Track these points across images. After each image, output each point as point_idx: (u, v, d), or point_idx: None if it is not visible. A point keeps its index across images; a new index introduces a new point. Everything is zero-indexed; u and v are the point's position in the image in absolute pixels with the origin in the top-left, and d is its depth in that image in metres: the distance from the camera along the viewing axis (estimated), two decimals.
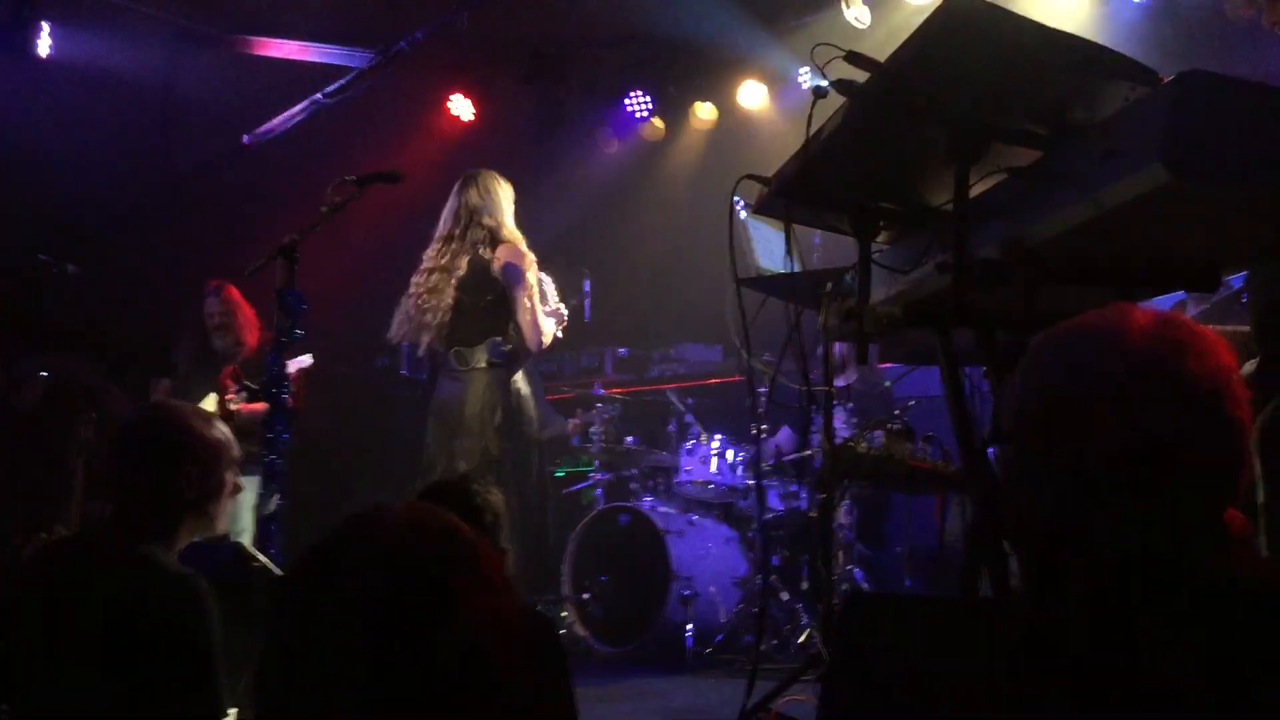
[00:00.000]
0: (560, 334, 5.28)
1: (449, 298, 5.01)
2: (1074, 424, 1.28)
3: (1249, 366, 2.61)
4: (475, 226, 5.10)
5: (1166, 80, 1.82)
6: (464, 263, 5.06)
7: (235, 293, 5.66)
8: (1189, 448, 1.23)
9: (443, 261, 5.09)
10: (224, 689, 2.17)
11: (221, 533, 2.57)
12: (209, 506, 2.36)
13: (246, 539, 5.20)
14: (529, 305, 5.00)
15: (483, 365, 5.05)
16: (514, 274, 5.00)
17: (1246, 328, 2.75)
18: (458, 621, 1.13)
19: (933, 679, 1.38)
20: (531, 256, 5.10)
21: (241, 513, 5.42)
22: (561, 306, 5.24)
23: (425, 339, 5.09)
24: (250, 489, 5.44)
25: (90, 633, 2.11)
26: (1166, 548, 1.23)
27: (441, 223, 5.23)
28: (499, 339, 5.06)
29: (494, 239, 5.08)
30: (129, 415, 2.47)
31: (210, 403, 5.45)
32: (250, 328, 5.67)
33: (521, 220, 5.29)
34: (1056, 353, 1.33)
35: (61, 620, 2.13)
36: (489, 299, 5.04)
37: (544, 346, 5.12)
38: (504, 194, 5.22)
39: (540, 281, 5.14)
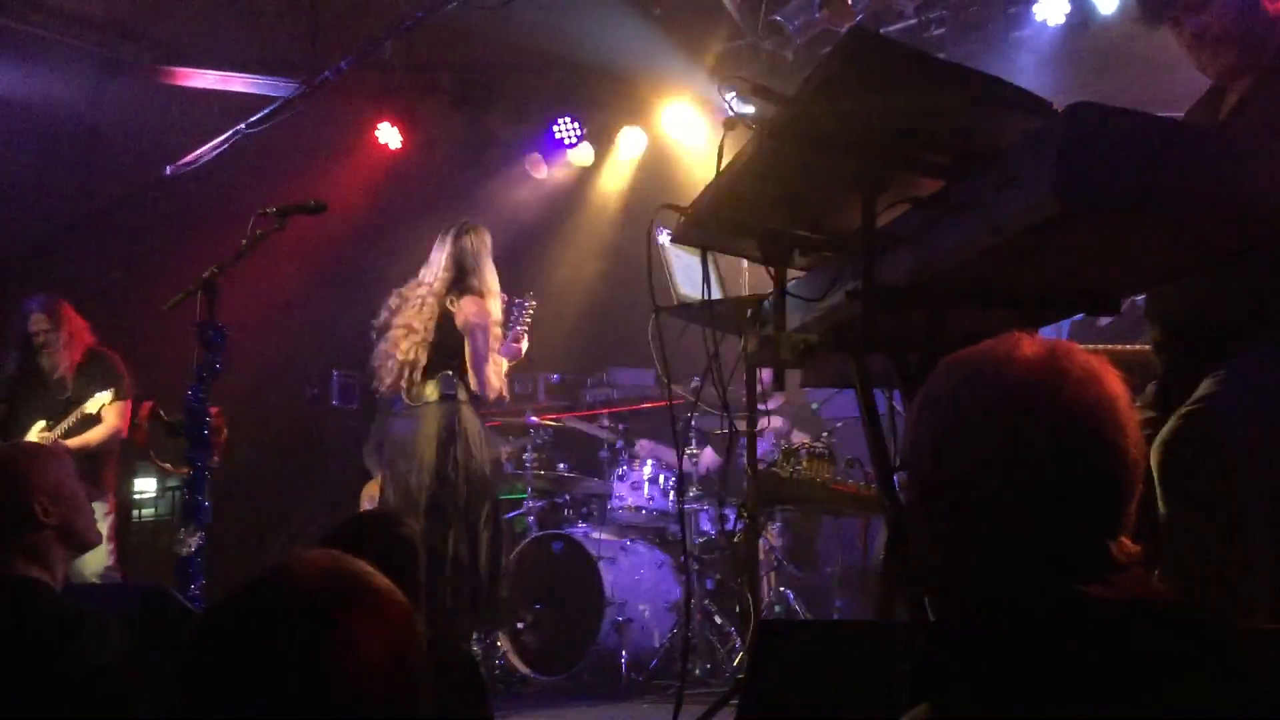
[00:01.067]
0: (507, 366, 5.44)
1: (415, 354, 5.22)
2: (955, 454, 1.31)
3: (1150, 389, 2.68)
4: (461, 276, 5.33)
5: (1059, 111, 1.87)
6: (436, 308, 5.28)
7: (63, 306, 5.55)
8: (1064, 476, 1.26)
9: (418, 305, 5.30)
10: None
11: (94, 544, 2.57)
12: (74, 525, 2.36)
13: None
14: (483, 357, 5.22)
15: (433, 399, 5.21)
16: (474, 328, 5.23)
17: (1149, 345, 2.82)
18: (353, 650, 1.16)
19: (835, 701, 1.40)
20: (494, 311, 5.32)
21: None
22: (523, 338, 5.36)
23: (391, 383, 5.26)
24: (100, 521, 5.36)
25: None
26: (1041, 576, 1.26)
27: (425, 268, 5.42)
28: (449, 373, 5.23)
29: (464, 291, 5.29)
30: None
31: (35, 433, 5.35)
32: (76, 343, 5.53)
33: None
34: (944, 384, 1.36)
35: None
36: (450, 345, 5.25)
37: (491, 399, 5.33)
38: (487, 248, 5.44)
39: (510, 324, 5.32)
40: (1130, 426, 1.31)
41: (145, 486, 7.68)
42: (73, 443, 5.26)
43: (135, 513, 7.67)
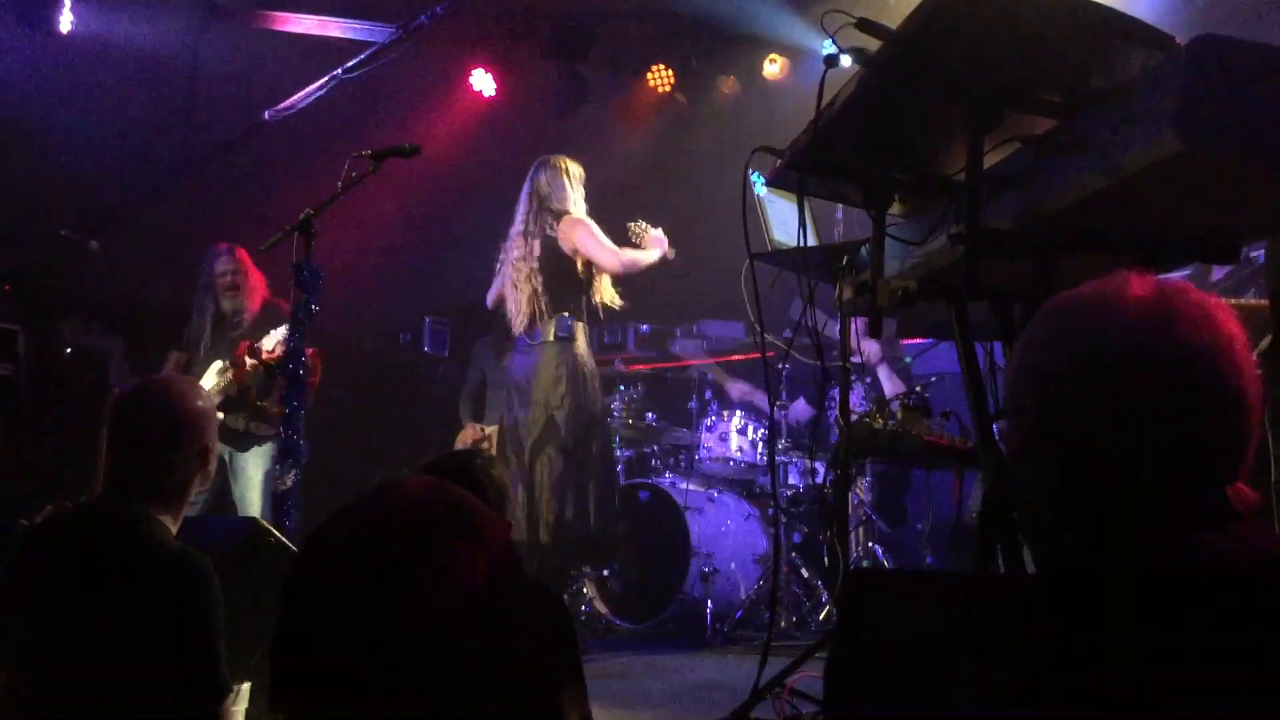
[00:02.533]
0: (671, 254, 5.57)
1: (534, 284, 5.32)
2: (1064, 397, 1.25)
3: (1265, 342, 2.57)
4: (544, 212, 5.38)
5: (1182, 45, 1.78)
6: (537, 246, 5.35)
7: (245, 255, 5.64)
8: (1180, 419, 1.20)
9: (523, 252, 5.39)
10: (227, 664, 2.17)
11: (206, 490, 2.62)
12: (201, 469, 2.38)
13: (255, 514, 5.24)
14: (605, 256, 5.30)
15: (551, 339, 5.28)
16: (579, 239, 5.29)
17: (1266, 302, 2.70)
18: (455, 577, 1.15)
19: (935, 652, 1.36)
20: (590, 220, 5.38)
21: (248, 491, 5.43)
22: (660, 235, 5.55)
23: (519, 325, 5.39)
24: (259, 462, 5.47)
25: (86, 604, 2.12)
26: (1156, 521, 1.20)
27: (518, 208, 5.50)
28: (566, 314, 5.30)
29: (559, 219, 5.34)
30: (122, 393, 2.49)
31: (214, 373, 5.43)
32: (256, 292, 5.63)
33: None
34: (1049, 325, 1.30)
35: (58, 591, 2.14)
36: (570, 273, 5.32)
37: (623, 269, 5.38)
38: (569, 179, 5.46)
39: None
40: (1247, 368, 1.24)
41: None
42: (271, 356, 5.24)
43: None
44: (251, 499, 5.39)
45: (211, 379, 5.39)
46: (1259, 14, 5.58)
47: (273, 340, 5.15)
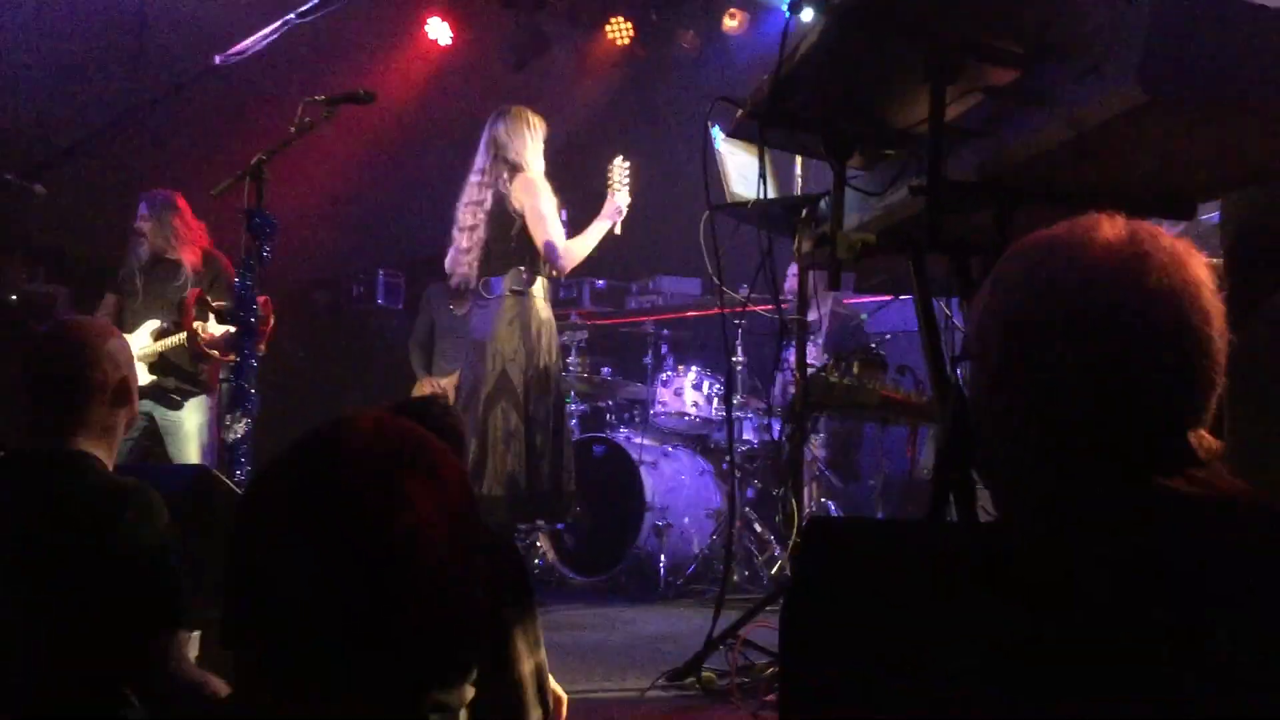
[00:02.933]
0: (618, 230, 5.48)
1: (481, 233, 5.28)
2: (1030, 338, 1.25)
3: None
4: (499, 161, 5.31)
5: None
6: (490, 197, 5.30)
7: (184, 203, 5.53)
8: (1145, 363, 1.20)
9: (476, 197, 5.34)
10: (181, 599, 2.15)
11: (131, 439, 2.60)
12: (124, 406, 2.36)
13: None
14: (543, 232, 5.19)
15: (505, 293, 5.25)
16: (524, 206, 5.22)
17: (1220, 260, 2.72)
18: (411, 513, 1.13)
19: (891, 597, 1.36)
20: (544, 186, 5.28)
21: (185, 445, 5.35)
22: (620, 202, 5.44)
23: (462, 274, 5.35)
24: (194, 417, 5.39)
25: (27, 541, 2.09)
26: (1118, 464, 1.21)
27: (475, 157, 5.43)
28: (522, 268, 5.25)
29: (514, 174, 5.27)
30: (36, 334, 2.48)
31: (146, 333, 5.35)
32: (194, 244, 5.49)
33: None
34: (1018, 265, 1.29)
35: (6, 535, 2.11)
36: (512, 231, 5.25)
37: (566, 267, 5.33)
38: (530, 131, 5.39)
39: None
40: (1215, 314, 1.24)
41: None
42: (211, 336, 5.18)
43: None
44: (189, 453, 5.30)
45: (144, 339, 5.30)
46: None
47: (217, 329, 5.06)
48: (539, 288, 5.30)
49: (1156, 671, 1.09)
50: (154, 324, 5.36)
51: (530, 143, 5.35)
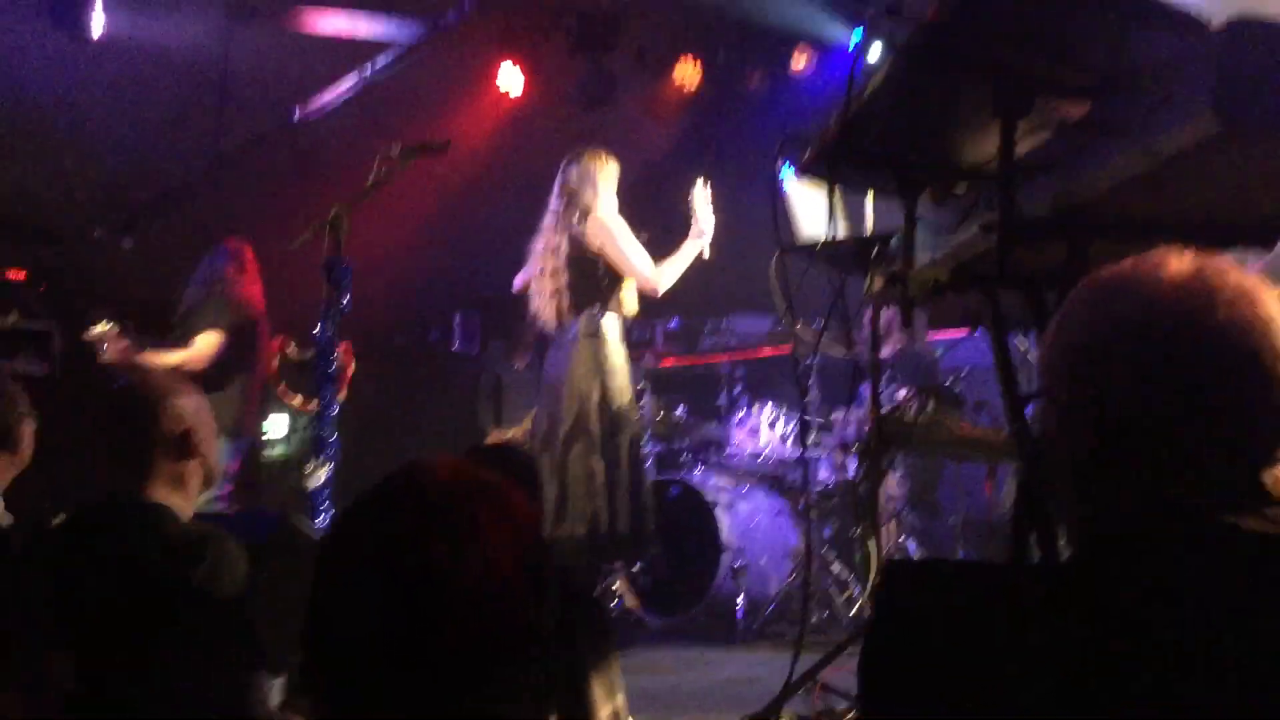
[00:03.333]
0: (706, 254, 5.55)
1: (558, 277, 5.33)
2: (1099, 374, 1.23)
3: None
4: (571, 206, 5.36)
5: (1217, 27, 1.75)
6: (565, 242, 5.35)
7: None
8: (1215, 397, 1.18)
9: (551, 242, 5.41)
10: (260, 647, 2.18)
11: (217, 481, 2.65)
12: (212, 458, 2.40)
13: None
14: (629, 266, 5.28)
15: (580, 335, 5.28)
16: (603, 244, 5.28)
17: None
18: (479, 555, 1.14)
19: (972, 642, 1.34)
20: (617, 222, 5.35)
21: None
22: (705, 225, 5.51)
23: (543, 317, 5.42)
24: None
25: (104, 593, 2.13)
26: (1189, 502, 1.18)
27: (550, 200, 5.50)
28: (594, 309, 5.29)
29: (585, 217, 5.33)
30: (110, 389, 2.55)
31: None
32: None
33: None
34: (1085, 302, 1.28)
35: (81, 584, 2.16)
36: (590, 273, 5.31)
37: (660, 291, 5.40)
38: (601, 172, 5.44)
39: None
40: None
41: (277, 423, 7.85)
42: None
43: (265, 451, 7.88)
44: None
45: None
46: None
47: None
48: (613, 328, 5.32)
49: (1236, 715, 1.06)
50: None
51: (602, 184, 5.40)
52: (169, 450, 2.37)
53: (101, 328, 5.30)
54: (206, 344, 5.45)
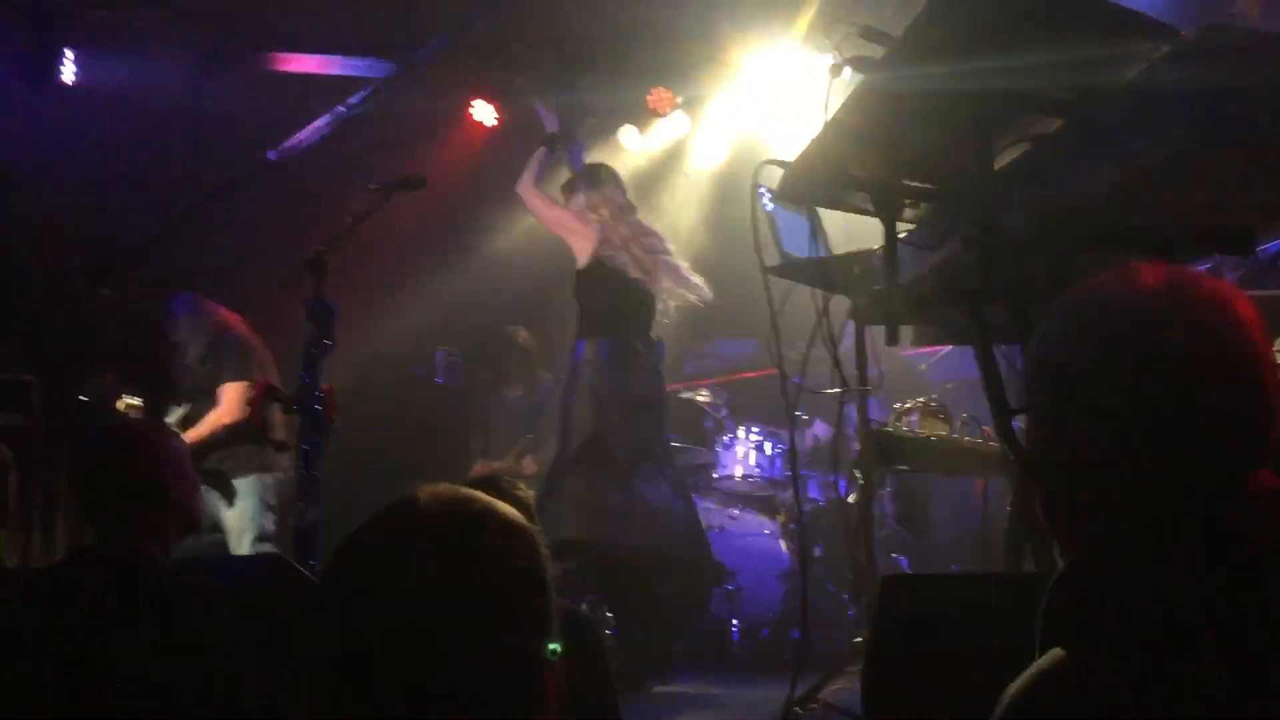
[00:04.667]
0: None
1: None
2: (1080, 387, 1.25)
3: None
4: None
5: (1189, 36, 1.78)
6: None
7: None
8: (1195, 402, 1.20)
9: None
10: (246, 690, 2.16)
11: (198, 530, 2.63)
12: (193, 507, 2.39)
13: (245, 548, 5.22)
14: (554, 221, 5.78)
15: (576, 362, 5.45)
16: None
17: None
18: (482, 576, 1.15)
19: (963, 655, 1.35)
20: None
21: (240, 535, 5.37)
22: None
23: None
24: (248, 498, 5.42)
25: (85, 642, 2.11)
26: (1178, 505, 1.20)
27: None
28: (581, 338, 5.43)
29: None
30: (90, 437, 2.53)
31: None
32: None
33: None
34: (1063, 317, 1.31)
35: (51, 639, 2.13)
36: (580, 300, 5.53)
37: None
38: (597, 178, 5.84)
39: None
40: (1265, 349, 1.24)
41: None
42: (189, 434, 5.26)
43: None
44: (236, 544, 5.33)
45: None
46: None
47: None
48: (590, 352, 5.36)
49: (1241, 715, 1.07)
50: (179, 410, 5.47)
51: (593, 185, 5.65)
52: (143, 500, 2.34)
53: (123, 405, 5.31)
54: (236, 394, 5.43)
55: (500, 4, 6.46)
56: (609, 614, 5.29)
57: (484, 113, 7.62)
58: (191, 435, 5.20)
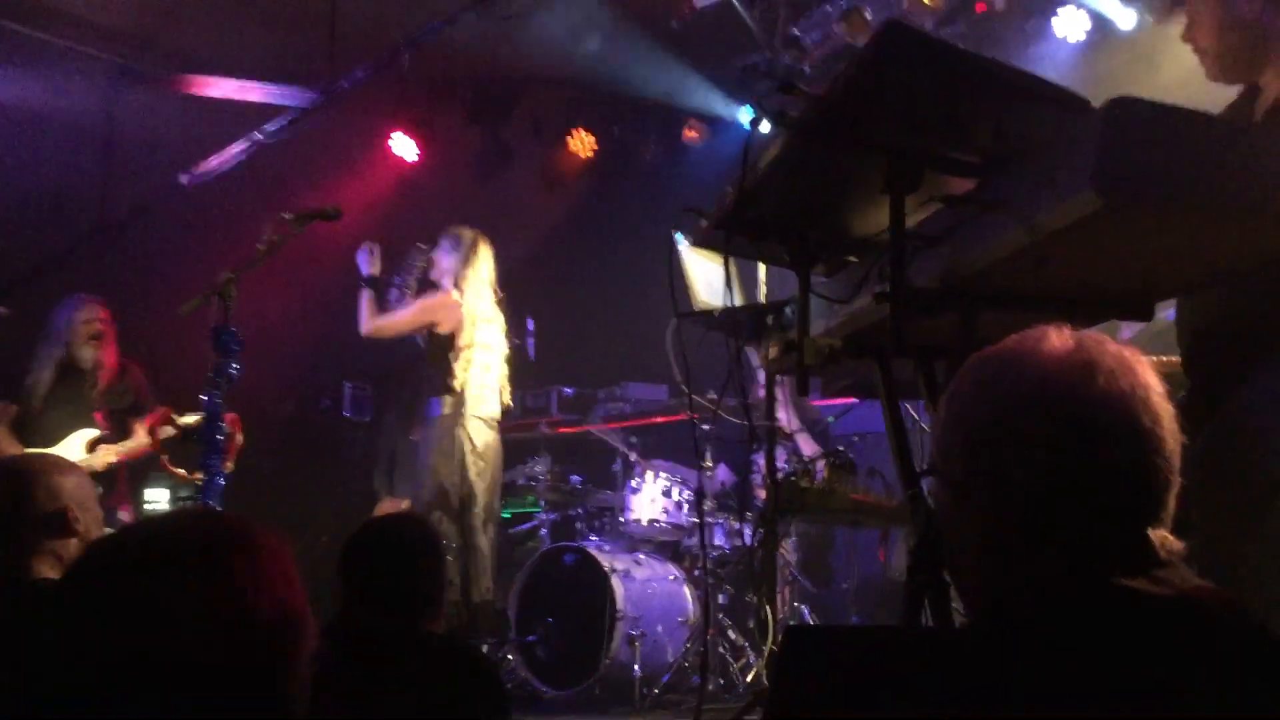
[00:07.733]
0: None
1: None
2: (988, 449, 1.28)
3: (1179, 400, 2.63)
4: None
5: (1098, 107, 1.83)
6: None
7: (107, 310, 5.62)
8: (1098, 464, 1.23)
9: None
10: None
11: None
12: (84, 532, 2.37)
13: None
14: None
15: (432, 417, 5.90)
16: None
17: (1177, 359, 2.77)
18: (227, 597, 1.19)
19: (869, 706, 1.35)
20: (434, 304, 6.05)
21: None
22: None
23: None
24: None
25: None
26: (1080, 566, 1.22)
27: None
28: (434, 395, 5.91)
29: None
30: None
31: (76, 443, 5.33)
32: (114, 349, 5.59)
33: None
34: (972, 379, 1.34)
35: None
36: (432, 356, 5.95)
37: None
38: (462, 249, 6.17)
39: None
40: (1165, 415, 1.28)
41: (156, 496, 7.61)
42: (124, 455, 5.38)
43: None
44: None
45: (78, 451, 5.26)
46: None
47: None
48: (447, 407, 5.72)
49: None
50: (87, 434, 5.33)
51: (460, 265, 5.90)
52: (47, 528, 2.32)
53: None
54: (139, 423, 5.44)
55: (424, 40, 6.44)
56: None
57: (404, 146, 7.58)
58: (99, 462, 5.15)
